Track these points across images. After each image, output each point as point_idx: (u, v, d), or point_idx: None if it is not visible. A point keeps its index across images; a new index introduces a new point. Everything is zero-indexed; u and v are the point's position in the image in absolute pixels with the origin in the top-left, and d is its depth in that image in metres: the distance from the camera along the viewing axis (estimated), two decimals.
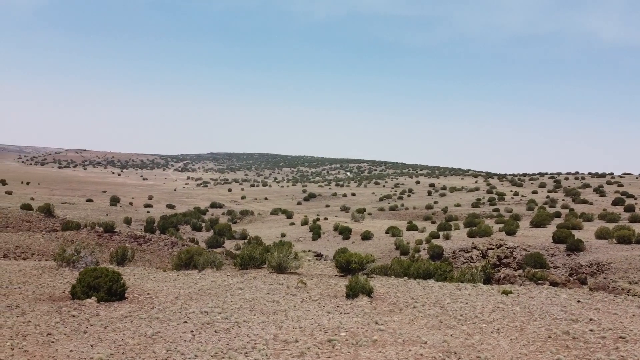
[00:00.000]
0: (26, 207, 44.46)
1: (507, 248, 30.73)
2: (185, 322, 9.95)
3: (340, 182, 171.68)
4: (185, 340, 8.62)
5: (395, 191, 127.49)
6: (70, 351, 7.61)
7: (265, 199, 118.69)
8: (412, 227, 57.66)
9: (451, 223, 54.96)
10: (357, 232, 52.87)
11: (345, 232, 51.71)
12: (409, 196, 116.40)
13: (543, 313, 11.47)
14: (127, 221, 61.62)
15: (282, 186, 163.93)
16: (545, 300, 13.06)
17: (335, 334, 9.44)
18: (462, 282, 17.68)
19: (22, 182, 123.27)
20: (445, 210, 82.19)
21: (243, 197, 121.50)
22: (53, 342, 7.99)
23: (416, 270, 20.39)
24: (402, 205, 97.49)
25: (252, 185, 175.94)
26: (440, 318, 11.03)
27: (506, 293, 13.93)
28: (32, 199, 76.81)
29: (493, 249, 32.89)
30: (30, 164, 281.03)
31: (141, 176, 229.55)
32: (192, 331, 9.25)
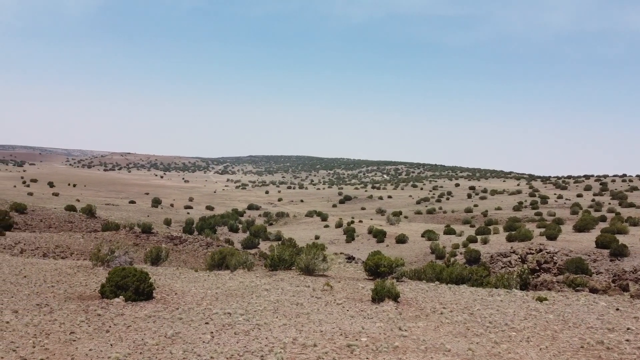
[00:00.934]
0: (70, 208, 46.20)
1: (548, 253, 29.54)
2: (207, 323, 9.98)
3: (377, 185, 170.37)
4: (203, 342, 8.62)
5: (434, 194, 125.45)
6: (90, 350, 7.73)
7: (301, 201, 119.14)
8: (449, 231, 56.47)
9: (490, 227, 53.52)
10: (392, 235, 52.21)
11: (379, 235, 51.16)
12: (447, 199, 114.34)
13: (578, 321, 10.89)
14: (167, 222, 63.06)
15: (318, 188, 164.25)
16: (582, 307, 12.41)
17: (356, 339, 9.24)
18: (496, 288, 17.10)
19: (69, 184, 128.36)
20: (485, 213, 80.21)
21: (279, 199, 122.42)
22: (74, 340, 8.15)
23: (449, 275, 19.89)
24: (440, 208, 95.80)
25: (289, 188, 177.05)
26: (467, 325, 10.65)
27: (541, 300, 13.34)
28: (78, 200, 79.86)
29: (532, 253, 31.73)
30: (78, 167, 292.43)
31: (183, 178, 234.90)
32: (212, 332, 9.25)
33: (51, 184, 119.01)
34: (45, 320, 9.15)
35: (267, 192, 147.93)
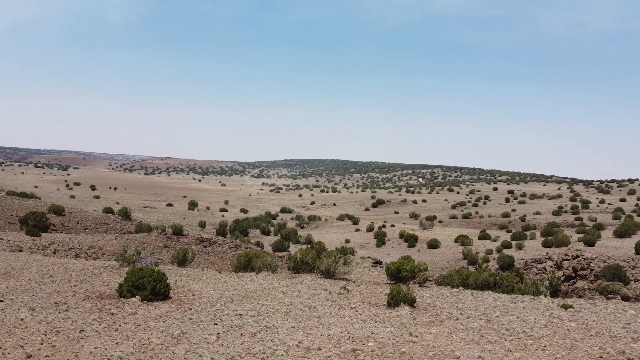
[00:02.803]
0: (107, 210, 47.67)
1: (584, 259, 28.38)
2: (215, 324, 10.03)
3: (411, 189, 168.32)
4: (208, 342, 8.65)
5: (470, 198, 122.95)
6: (95, 348, 7.88)
7: (334, 204, 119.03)
8: (484, 236, 55.16)
9: (527, 232, 51.94)
10: (424, 240, 51.41)
11: (410, 240, 50.47)
12: (484, 203, 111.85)
13: (601, 330, 10.36)
14: (202, 224, 64.17)
15: (351, 192, 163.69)
16: (609, 316, 11.81)
17: (363, 344, 9.07)
18: (524, 295, 16.52)
19: (110, 188, 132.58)
20: (523, 218, 77.97)
21: (312, 203, 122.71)
22: (82, 338, 8.33)
23: (474, 281, 19.38)
24: (477, 213, 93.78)
25: (322, 191, 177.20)
26: (482, 332, 10.30)
27: (565, 307, 12.78)
28: (117, 203, 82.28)
29: (569, 260, 30.58)
30: (120, 171, 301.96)
31: (220, 182, 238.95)
32: (219, 333, 9.28)
33: (93, 187, 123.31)
34: (59, 318, 9.40)
35: (300, 196, 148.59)
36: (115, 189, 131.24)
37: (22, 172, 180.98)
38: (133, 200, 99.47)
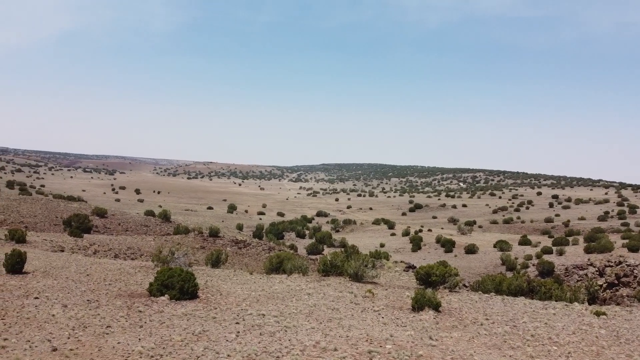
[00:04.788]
0: (149, 213, 49.25)
1: (627, 266, 27.16)
2: (237, 323, 10.25)
3: (451, 193, 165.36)
4: (227, 340, 8.86)
5: (513, 203, 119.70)
6: (118, 343, 8.23)
7: (370, 208, 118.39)
8: (524, 242, 53.64)
9: (569, 238, 50.15)
10: (462, 245, 50.46)
11: (447, 245, 49.64)
12: (527, 208, 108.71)
13: (632, 338, 9.96)
14: (239, 227, 65.27)
15: (388, 196, 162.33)
16: None
17: (380, 346, 9.07)
18: (558, 301, 16.03)
19: (154, 191, 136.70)
20: (566, 223, 75.31)
21: (348, 207, 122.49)
22: (107, 334, 8.71)
23: (507, 287, 18.93)
24: (519, 218, 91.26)
25: (359, 195, 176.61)
26: (506, 337, 10.09)
27: (598, 314, 12.33)
28: (160, 206, 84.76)
29: (611, 266, 29.37)
30: (164, 175, 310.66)
31: (259, 186, 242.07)
32: (239, 332, 9.49)
33: (138, 191, 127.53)
34: (88, 315, 9.85)
35: (336, 200, 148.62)
36: (158, 192, 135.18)
37: (71, 177, 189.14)
38: (175, 203, 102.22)
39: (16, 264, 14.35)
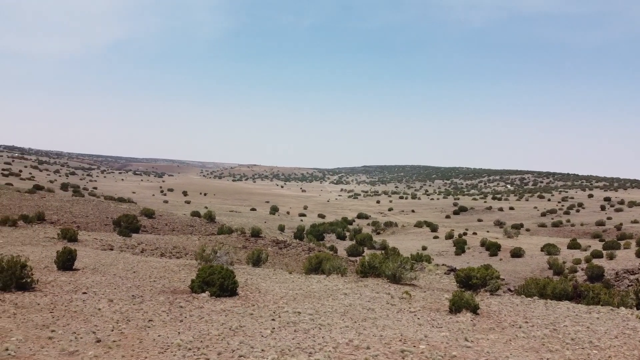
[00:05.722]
0: (195, 214, 50.69)
1: None
2: (273, 319, 10.50)
3: (498, 195, 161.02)
4: (262, 336, 9.11)
5: (562, 205, 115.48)
6: (158, 335, 8.63)
7: (412, 211, 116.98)
8: (573, 245, 51.70)
9: (621, 242, 47.94)
10: (507, 248, 49.16)
11: (492, 248, 48.47)
12: (577, 211, 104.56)
13: None
14: (281, 228, 66.12)
15: (431, 199, 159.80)
16: None
17: (414, 346, 9.08)
18: (604, 306, 15.44)
19: (200, 193, 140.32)
20: (618, 227, 72.03)
21: (390, 209, 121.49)
22: (149, 327, 9.14)
23: (552, 291, 18.39)
24: (568, 221, 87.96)
25: (401, 198, 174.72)
26: (544, 340, 9.87)
27: None
28: (205, 207, 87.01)
29: None
30: (210, 178, 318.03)
31: (300, 188, 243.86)
32: (274, 328, 9.73)
33: (185, 193, 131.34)
34: (132, 309, 10.36)
35: (378, 202, 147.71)
36: (205, 194, 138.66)
37: (122, 179, 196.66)
38: (220, 205, 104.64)
39: (67, 261, 15.21)
